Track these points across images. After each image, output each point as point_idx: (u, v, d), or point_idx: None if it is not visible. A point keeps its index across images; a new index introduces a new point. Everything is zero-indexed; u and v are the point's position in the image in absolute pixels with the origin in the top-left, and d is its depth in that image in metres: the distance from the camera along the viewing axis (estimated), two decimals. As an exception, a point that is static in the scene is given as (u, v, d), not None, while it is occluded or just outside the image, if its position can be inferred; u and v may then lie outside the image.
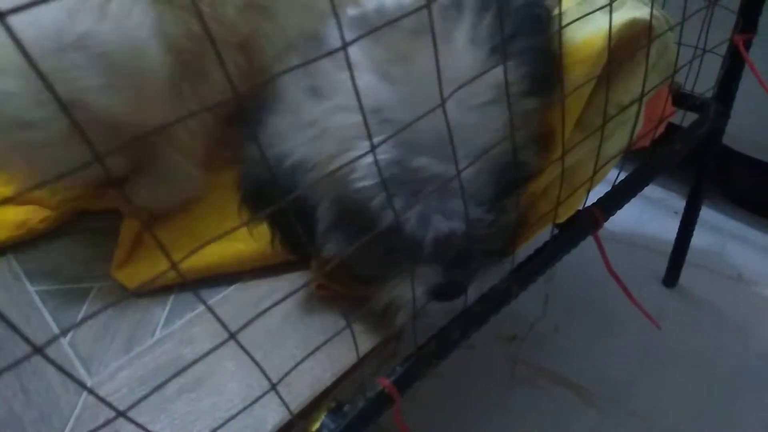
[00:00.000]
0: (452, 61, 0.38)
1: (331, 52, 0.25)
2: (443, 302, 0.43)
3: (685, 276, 0.91)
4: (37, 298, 0.53)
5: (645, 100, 0.50)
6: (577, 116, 0.46)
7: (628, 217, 1.01)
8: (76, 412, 0.43)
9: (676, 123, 0.64)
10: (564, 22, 0.44)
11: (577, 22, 0.45)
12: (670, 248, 0.90)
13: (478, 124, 0.37)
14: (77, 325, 0.50)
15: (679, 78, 0.66)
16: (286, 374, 0.33)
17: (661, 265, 0.92)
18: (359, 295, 0.46)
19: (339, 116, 0.38)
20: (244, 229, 0.42)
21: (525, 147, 0.40)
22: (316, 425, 0.40)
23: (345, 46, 0.24)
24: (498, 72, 0.34)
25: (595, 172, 0.49)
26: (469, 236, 0.40)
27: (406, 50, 0.38)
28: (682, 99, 0.68)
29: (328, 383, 0.43)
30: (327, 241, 0.43)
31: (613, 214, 0.57)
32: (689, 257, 0.90)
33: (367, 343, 0.45)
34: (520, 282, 0.50)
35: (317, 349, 0.35)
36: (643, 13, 0.44)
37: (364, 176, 0.36)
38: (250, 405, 0.33)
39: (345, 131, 0.37)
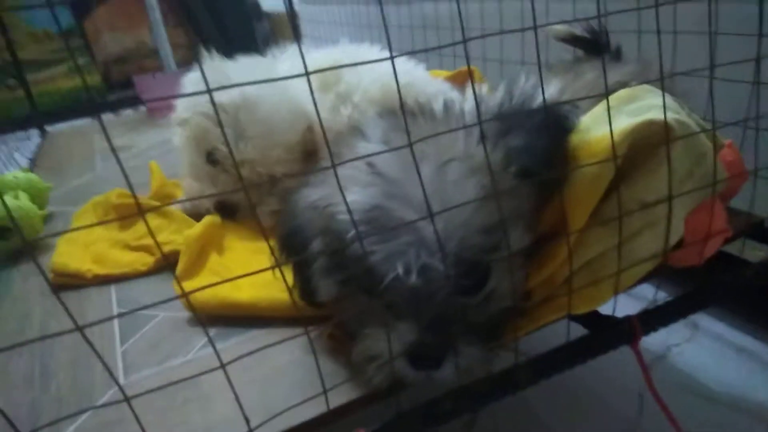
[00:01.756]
0: (445, 141, 0.44)
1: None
2: (418, 371, 0.43)
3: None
4: (117, 326, 0.63)
5: (682, 206, 0.50)
6: (592, 207, 0.47)
7: (734, 378, 0.89)
8: (103, 399, 0.50)
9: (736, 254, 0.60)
10: (586, 125, 0.48)
11: (597, 124, 0.49)
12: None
13: (458, 192, 0.41)
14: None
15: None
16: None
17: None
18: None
19: (342, 170, 0.45)
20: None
21: (500, 223, 0.43)
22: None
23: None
24: (480, 154, 0.42)
25: (620, 269, 0.48)
26: (443, 300, 0.42)
27: (413, 129, 0.45)
28: (760, 233, 0.63)
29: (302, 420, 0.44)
30: (322, 284, 0.47)
31: (653, 330, 0.54)
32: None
33: (342, 397, 0.45)
34: (531, 373, 0.49)
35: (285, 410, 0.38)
36: (658, 116, 0.46)
37: (345, 212, 0.41)
38: None
39: (342, 180, 0.44)
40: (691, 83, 0.57)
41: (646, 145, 0.47)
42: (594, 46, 0.79)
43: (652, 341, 0.95)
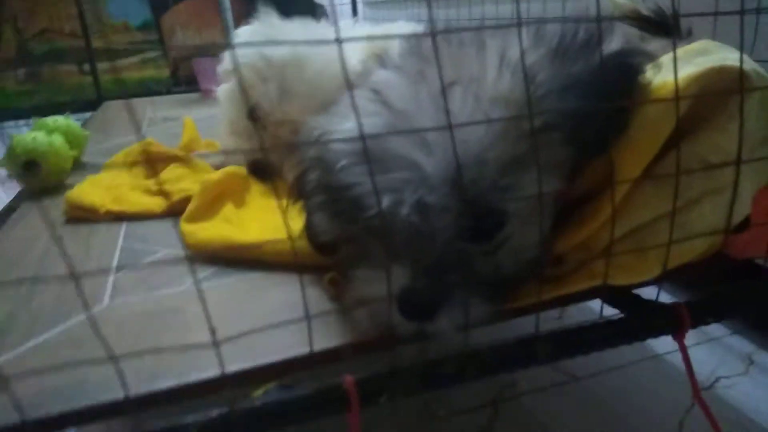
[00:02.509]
0: (476, 71, 0.38)
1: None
2: (409, 320, 0.38)
3: None
4: (118, 250, 0.61)
5: (752, 177, 0.43)
6: (647, 159, 0.40)
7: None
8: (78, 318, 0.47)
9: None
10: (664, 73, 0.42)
11: (665, 71, 0.43)
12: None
13: (479, 131, 0.36)
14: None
15: None
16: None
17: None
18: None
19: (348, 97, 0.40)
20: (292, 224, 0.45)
21: (520, 167, 0.37)
22: (259, 392, 0.37)
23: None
24: (517, 93, 0.36)
25: (671, 240, 0.41)
26: (447, 243, 0.37)
27: (427, 50, 0.40)
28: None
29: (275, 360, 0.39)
30: (315, 215, 0.44)
31: (705, 323, 0.46)
32: None
33: (331, 341, 0.40)
34: (552, 347, 0.42)
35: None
36: (732, 62, 0.39)
37: (339, 140, 0.38)
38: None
39: (346, 108, 0.40)
40: None
41: (717, 97, 0.40)
42: (661, 27, 0.72)
43: (699, 370, 0.85)
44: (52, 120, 0.94)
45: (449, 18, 1.48)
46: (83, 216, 0.69)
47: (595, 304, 0.47)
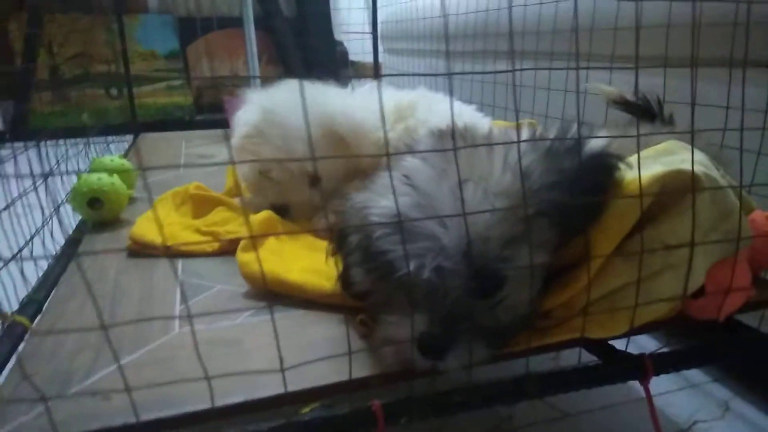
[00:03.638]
0: (482, 163, 0.50)
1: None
2: (425, 358, 0.48)
3: None
4: (178, 284, 0.71)
5: (704, 256, 0.53)
6: (617, 239, 0.51)
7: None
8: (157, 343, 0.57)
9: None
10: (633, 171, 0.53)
11: (632, 169, 0.54)
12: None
13: (486, 216, 0.47)
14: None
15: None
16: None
17: None
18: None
19: (384, 179, 0.53)
20: (329, 269, 0.57)
21: (517, 243, 0.48)
22: (307, 409, 0.48)
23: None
24: (515, 188, 0.48)
25: (637, 303, 0.52)
26: (457, 300, 0.47)
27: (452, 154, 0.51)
28: None
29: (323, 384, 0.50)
30: (355, 274, 0.54)
31: (665, 372, 0.56)
32: None
33: (365, 371, 0.51)
34: (539, 385, 0.52)
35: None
36: (685, 167, 0.51)
37: (378, 214, 0.49)
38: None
39: (382, 188, 0.52)
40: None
41: (675, 193, 0.51)
42: (645, 112, 0.84)
43: (678, 413, 0.94)
44: (109, 159, 1.07)
45: (463, 72, 1.61)
46: (143, 251, 0.80)
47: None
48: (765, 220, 0.61)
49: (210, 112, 3.91)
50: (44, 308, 0.67)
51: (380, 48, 2.38)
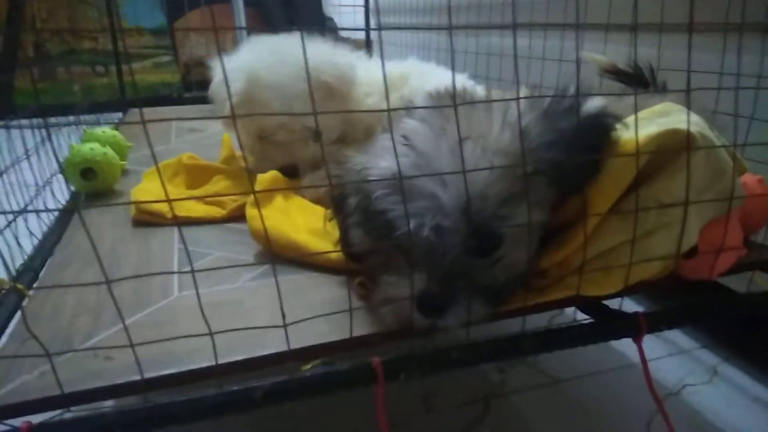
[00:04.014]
0: (480, 121, 0.50)
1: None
2: (425, 317, 0.49)
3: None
4: (176, 251, 0.72)
5: (697, 215, 0.54)
6: (614, 198, 0.52)
7: (747, 425, 0.89)
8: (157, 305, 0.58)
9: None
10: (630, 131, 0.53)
11: (632, 129, 0.54)
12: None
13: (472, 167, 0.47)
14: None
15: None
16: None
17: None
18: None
19: (383, 141, 0.53)
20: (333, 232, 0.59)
21: (517, 200, 0.49)
22: (308, 366, 0.48)
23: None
24: (514, 147, 0.48)
25: (631, 261, 0.53)
26: (456, 257, 0.48)
27: (451, 114, 0.51)
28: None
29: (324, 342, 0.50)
30: (354, 234, 0.55)
31: (658, 330, 0.58)
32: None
33: (364, 329, 0.52)
34: (535, 343, 0.53)
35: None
36: (681, 126, 0.51)
37: (378, 174, 0.50)
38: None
39: (381, 149, 0.52)
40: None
41: (670, 152, 0.52)
42: (638, 80, 0.84)
43: (668, 377, 0.97)
44: (101, 131, 1.06)
45: (456, 46, 1.60)
46: (149, 220, 0.80)
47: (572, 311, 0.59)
48: (756, 183, 0.62)
49: (199, 89, 3.87)
50: (41, 276, 0.67)
51: (372, 23, 2.36)
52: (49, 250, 0.74)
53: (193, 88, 4.06)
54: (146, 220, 0.80)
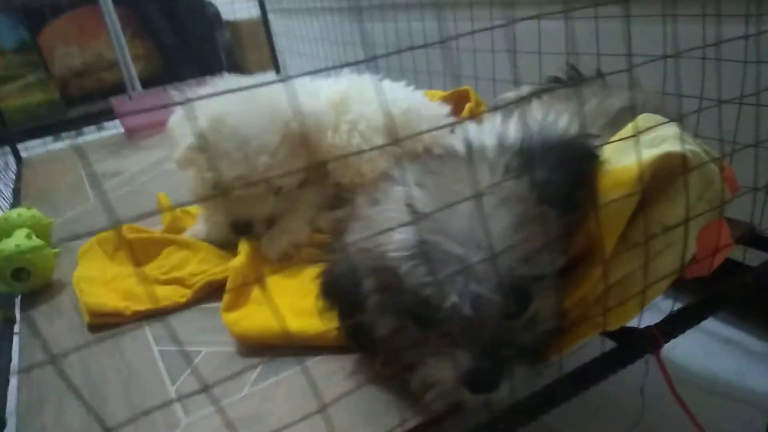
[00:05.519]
0: (470, 175, 0.48)
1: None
2: (476, 394, 0.47)
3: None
4: (158, 356, 0.65)
5: (695, 226, 0.55)
6: (620, 232, 0.51)
7: (728, 370, 0.96)
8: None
9: (739, 260, 0.66)
10: (607, 155, 0.53)
11: (618, 155, 0.54)
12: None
13: (495, 222, 0.45)
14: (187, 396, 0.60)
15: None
16: None
17: (762, 420, 0.86)
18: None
19: (385, 213, 0.50)
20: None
21: (539, 248, 0.48)
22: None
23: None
24: (509, 186, 0.47)
25: (646, 287, 0.53)
26: (493, 326, 0.46)
27: (435, 168, 0.51)
28: (759, 241, 0.70)
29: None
30: (377, 320, 0.51)
31: (673, 337, 0.59)
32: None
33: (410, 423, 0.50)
34: (570, 386, 0.53)
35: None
36: (676, 148, 0.51)
37: (396, 249, 0.46)
38: None
39: (387, 222, 0.48)
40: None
41: (664, 175, 0.52)
42: (578, 79, 0.85)
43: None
44: (15, 213, 0.93)
45: (385, 32, 1.51)
46: (106, 322, 0.72)
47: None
48: (729, 170, 0.64)
49: (82, 104, 3.56)
50: (15, 427, 0.59)
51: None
52: (3, 384, 0.65)
53: (75, 103, 3.74)
54: (103, 323, 0.72)
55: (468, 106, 1.03)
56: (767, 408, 0.85)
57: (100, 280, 0.79)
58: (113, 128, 2.17)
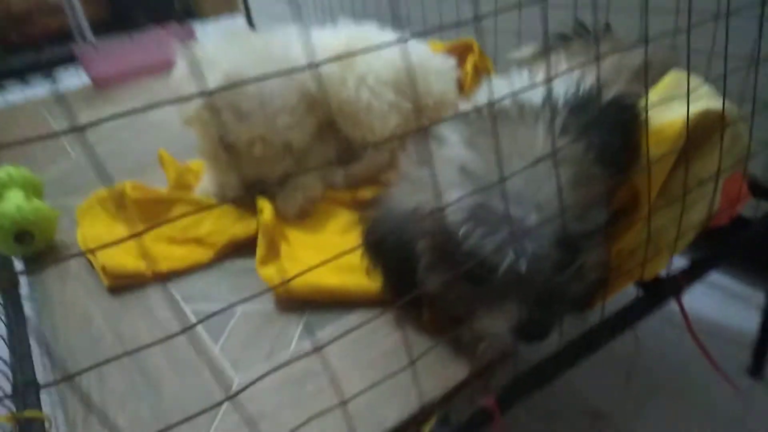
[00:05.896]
0: (525, 135, 0.49)
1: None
2: (529, 342, 0.49)
3: (771, 369, 0.92)
4: (192, 316, 0.64)
5: (721, 179, 0.58)
6: (661, 185, 0.54)
7: (711, 311, 1.03)
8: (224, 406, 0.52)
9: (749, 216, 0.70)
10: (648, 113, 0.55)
11: (659, 111, 0.56)
12: (753, 341, 0.92)
13: (544, 180, 0.46)
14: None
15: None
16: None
17: (746, 357, 0.93)
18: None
19: (438, 176, 0.49)
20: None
21: (588, 205, 0.49)
22: (428, 428, 0.47)
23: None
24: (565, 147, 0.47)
25: (678, 237, 0.56)
26: (546, 279, 0.48)
27: (488, 128, 0.50)
28: (754, 187, 0.74)
29: (438, 396, 0.50)
30: (428, 277, 0.52)
31: (693, 282, 0.63)
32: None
33: (461, 373, 0.52)
34: (608, 331, 0.56)
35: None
36: (717, 104, 0.53)
37: (453, 211, 0.47)
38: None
39: (441, 184, 0.48)
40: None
41: (702, 131, 0.54)
42: (586, 34, 0.86)
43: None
44: (4, 173, 0.88)
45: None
46: (128, 283, 0.70)
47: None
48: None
49: (24, 52, 3.34)
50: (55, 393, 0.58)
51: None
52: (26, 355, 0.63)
53: (16, 50, 3.50)
54: (124, 284, 0.70)
55: (471, 58, 1.02)
56: (746, 344, 0.92)
57: (109, 241, 0.77)
58: (67, 78, 2.03)
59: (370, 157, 0.88)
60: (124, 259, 0.71)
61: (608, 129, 0.52)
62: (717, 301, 1.06)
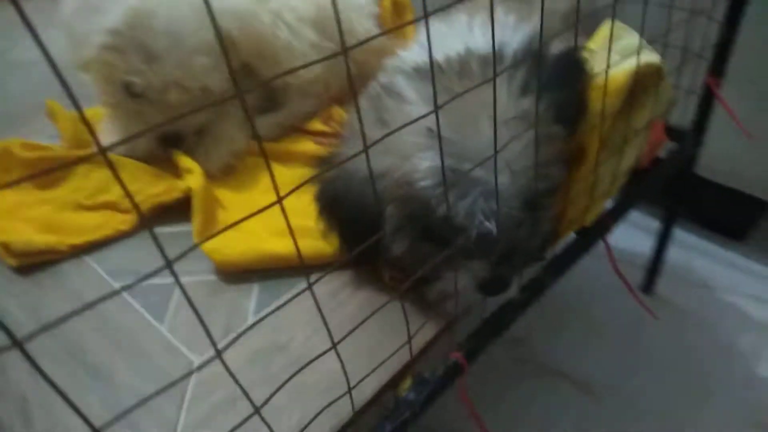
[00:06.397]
0: (490, 95, 0.49)
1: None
2: (493, 296, 0.52)
3: (661, 286, 1.05)
4: (126, 295, 0.59)
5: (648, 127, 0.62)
6: (602, 137, 0.56)
7: (617, 239, 1.14)
8: (191, 387, 0.49)
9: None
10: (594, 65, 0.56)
11: (602, 64, 0.57)
12: (647, 262, 1.03)
13: (510, 141, 0.46)
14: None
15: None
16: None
17: (641, 277, 1.05)
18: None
19: (400, 137, 0.47)
20: (312, 228, 0.55)
21: (550, 163, 0.51)
22: (405, 387, 0.49)
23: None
24: (526, 105, 0.48)
25: (613, 183, 0.60)
26: (509, 237, 0.49)
27: (450, 86, 0.50)
28: (667, 130, 0.81)
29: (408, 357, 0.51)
30: (394, 241, 0.52)
31: (618, 222, 0.69)
32: (664, 270, 1.03)
33: (429, 331, 0.53)
34: (552, 274, 0.60)
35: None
36: (654, 58, 0.56)
37: (424, 177, 0.47)
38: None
39: (405, 147, 0.47)
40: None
41: (641, 83, 0.57)
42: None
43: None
44: None
45: None
46: (39, 260, 0.62)
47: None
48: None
49: None
50: None
51: None
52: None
53: None
54: (35, 262, 0.62)
55: (386, -6, 0.97)
56: (642, 264, 1.04)
57: (18, 216, 0.66)
58: None
59: (295, 105, 0.83)
60: (28, 233, 0.63)
61: (562, 85, 0.52)
62: (622, 230, 1.16)
